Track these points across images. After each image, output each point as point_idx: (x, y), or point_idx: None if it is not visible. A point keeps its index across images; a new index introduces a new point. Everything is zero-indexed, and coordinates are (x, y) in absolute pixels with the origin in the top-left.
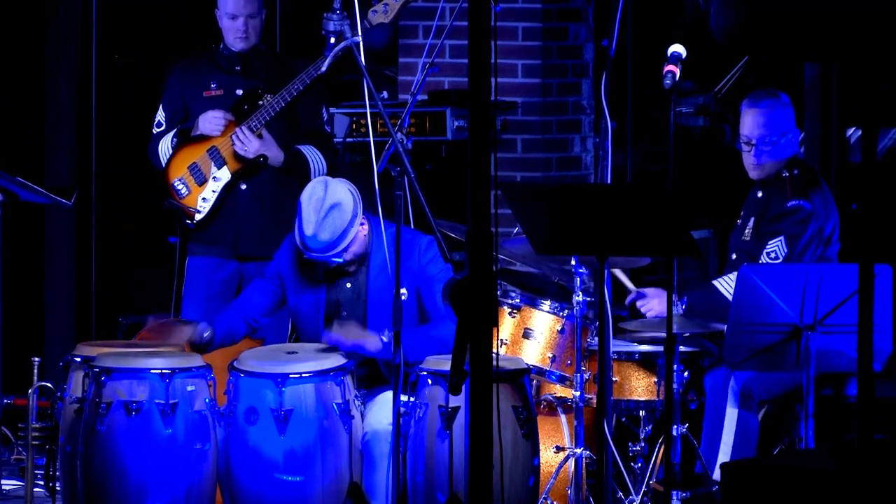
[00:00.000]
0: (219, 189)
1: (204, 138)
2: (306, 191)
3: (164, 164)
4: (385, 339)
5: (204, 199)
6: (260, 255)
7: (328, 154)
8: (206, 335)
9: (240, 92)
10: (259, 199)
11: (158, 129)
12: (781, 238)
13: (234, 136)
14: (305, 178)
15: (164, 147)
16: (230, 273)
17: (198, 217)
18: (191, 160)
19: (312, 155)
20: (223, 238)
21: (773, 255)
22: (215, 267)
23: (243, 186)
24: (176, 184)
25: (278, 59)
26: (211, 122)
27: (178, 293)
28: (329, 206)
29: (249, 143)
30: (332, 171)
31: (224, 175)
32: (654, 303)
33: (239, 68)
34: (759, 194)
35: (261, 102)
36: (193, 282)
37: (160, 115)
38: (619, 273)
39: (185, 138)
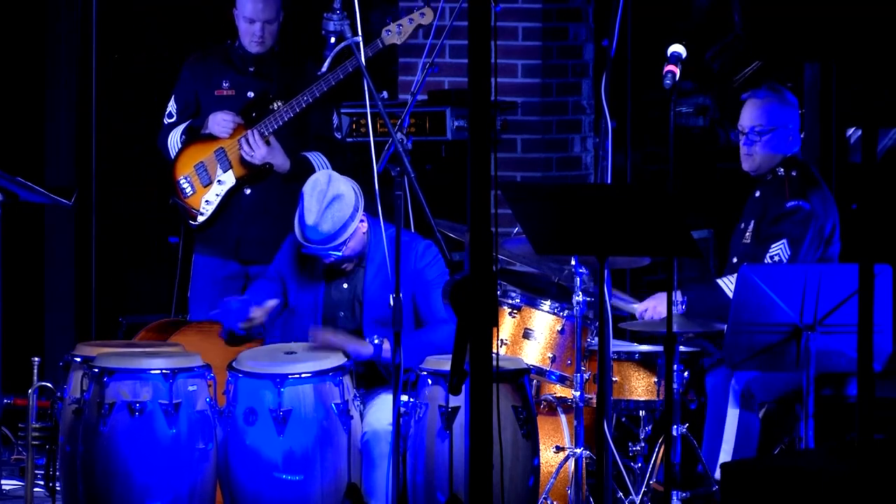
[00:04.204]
0: (222, 193)
1: (212, 138)
2: (309, 182)
3: (172, 157)
4: (376, 341)
5: (207, 201)
6: (263, 260)
7: (336, 160)
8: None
9: (251, 94)
10: (263, 205)
11: (170, 120)
12: (784, 241)
13: (242, 140)
14: None
15: (174, 140)
16: (235, 272)
17: (200, 219)
18: (198, 159)
19: (319, 162)
20: (226, 242)
21: (776, 258)
22: (220, 265)
23: (248, 191)
24: (182, 182)
25: (292, 61)
26: (220, 123)
27: (180, 292)
28: (332, 197)
29: (257, 149)
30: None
31: (229, 179)
32: (653, 304)
33: (252, 69)
34: (757, 194)
35: (271, 107)
36: (199, 280)
37: (171, 106)
38: (618, 301)
39: (195, 135)
